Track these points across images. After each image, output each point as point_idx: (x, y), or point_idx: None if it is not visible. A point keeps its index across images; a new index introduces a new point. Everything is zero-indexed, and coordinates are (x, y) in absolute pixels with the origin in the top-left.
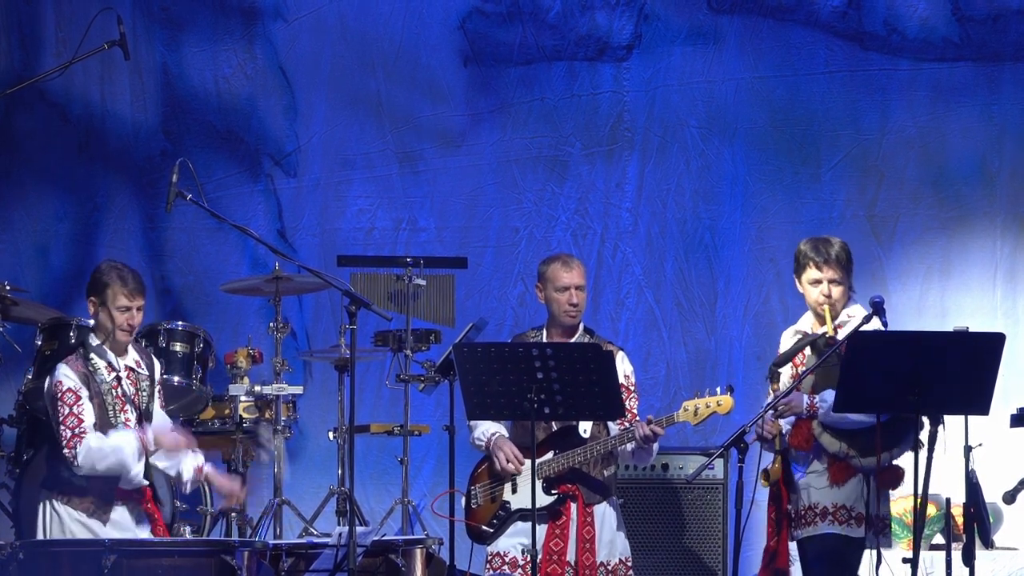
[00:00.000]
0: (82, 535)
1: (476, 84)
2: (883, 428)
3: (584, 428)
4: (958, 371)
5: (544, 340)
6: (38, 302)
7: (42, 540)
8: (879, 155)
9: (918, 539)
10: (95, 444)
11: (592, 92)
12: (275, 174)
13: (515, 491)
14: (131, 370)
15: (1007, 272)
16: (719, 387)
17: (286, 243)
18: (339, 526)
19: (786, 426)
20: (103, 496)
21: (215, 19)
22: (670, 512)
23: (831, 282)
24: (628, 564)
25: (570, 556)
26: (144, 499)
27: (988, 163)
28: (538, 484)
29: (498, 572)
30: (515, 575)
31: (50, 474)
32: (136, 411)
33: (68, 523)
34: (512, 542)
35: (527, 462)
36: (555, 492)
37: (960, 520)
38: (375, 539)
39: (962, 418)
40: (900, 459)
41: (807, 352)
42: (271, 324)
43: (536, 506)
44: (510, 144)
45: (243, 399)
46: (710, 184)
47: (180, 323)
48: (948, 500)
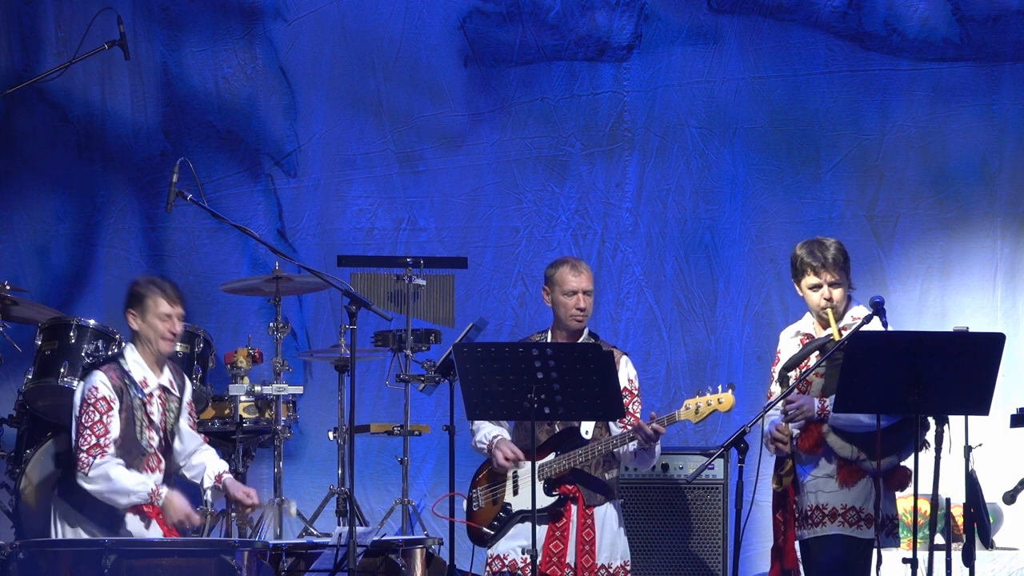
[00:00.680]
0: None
1: (476, 84)
2: (892, 430)
3: (586, 429)
4: (958, 371)
5: None
6: (38, 302)
7: (42, 540)
8: (879, 155)
9: (928, 538)
10: (114, 475)
11: (592, 92)
12: (275, 174)
13: (516, 493)
14: (164, 390)
15: (1007, 272)
16: (720, 386)
17: (286, 243)
18: (339, 526)
19: (795, 430)
20: (113, 512)
21: (215, 19)
22: (670, 512)
23: (831, 285)
24: (627, 569)
25: (570, 558)
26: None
27: (988, 163)
28: (539, 485)
29: (498, 575)
30: None
31: (64, 486)
32: (159, 435)
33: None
34: (512, 545)
35: (527, 461)
36: (556, 493)
37: (960, 520)
38: (375, 539)
39: (962, 418)
40: (908, 460)
41: (815, 356)
42: (271, 324)
43: (536, 507)
44: (510, 144)
45: (243, 399)
46: (710, 184)
47: None
48: (948, 500)
